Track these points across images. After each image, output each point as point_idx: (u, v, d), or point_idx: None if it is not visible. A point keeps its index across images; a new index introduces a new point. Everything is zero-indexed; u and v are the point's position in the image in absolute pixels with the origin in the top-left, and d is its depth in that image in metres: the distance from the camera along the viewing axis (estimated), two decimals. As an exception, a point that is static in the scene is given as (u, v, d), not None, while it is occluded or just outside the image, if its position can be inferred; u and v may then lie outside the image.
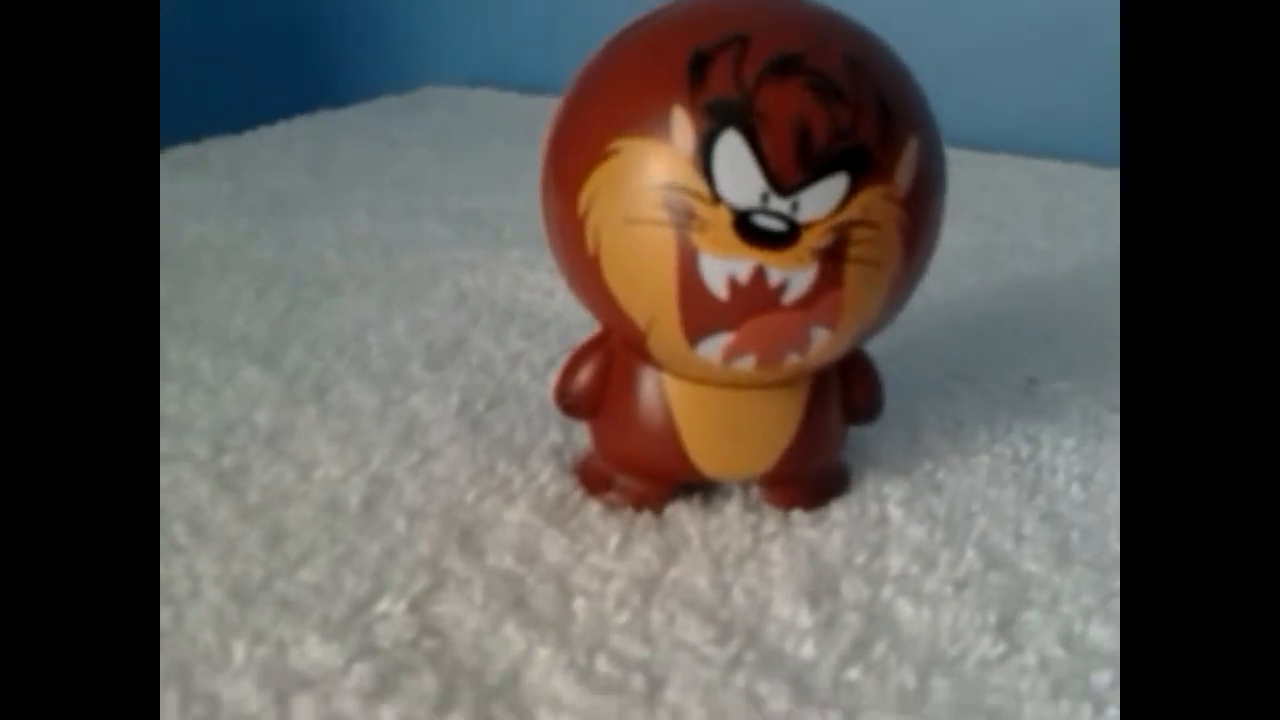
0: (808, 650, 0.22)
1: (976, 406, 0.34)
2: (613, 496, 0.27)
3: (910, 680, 0.22)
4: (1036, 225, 0.53)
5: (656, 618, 0.23)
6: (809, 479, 0.28)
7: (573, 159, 0.23)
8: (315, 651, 0.22)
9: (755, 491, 0.28)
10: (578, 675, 0.21)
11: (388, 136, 0.67)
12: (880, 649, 0.23)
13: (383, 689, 0.21)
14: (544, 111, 0.25)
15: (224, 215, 0.50)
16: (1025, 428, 0.32)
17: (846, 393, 0.27)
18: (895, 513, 0.28)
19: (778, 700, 0.21)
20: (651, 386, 0.26)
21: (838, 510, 0.27)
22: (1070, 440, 0.32)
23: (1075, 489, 0.29)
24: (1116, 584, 0.25)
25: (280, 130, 0.67)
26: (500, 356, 0.35)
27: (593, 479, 0.28)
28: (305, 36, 0.89)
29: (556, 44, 0.81)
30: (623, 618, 0.23)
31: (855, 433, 0.30)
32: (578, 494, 0.27)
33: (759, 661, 0.22)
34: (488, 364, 0.35)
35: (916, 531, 0.27)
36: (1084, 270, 0.48)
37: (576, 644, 0.22)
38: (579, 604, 0.23)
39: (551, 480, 0.28)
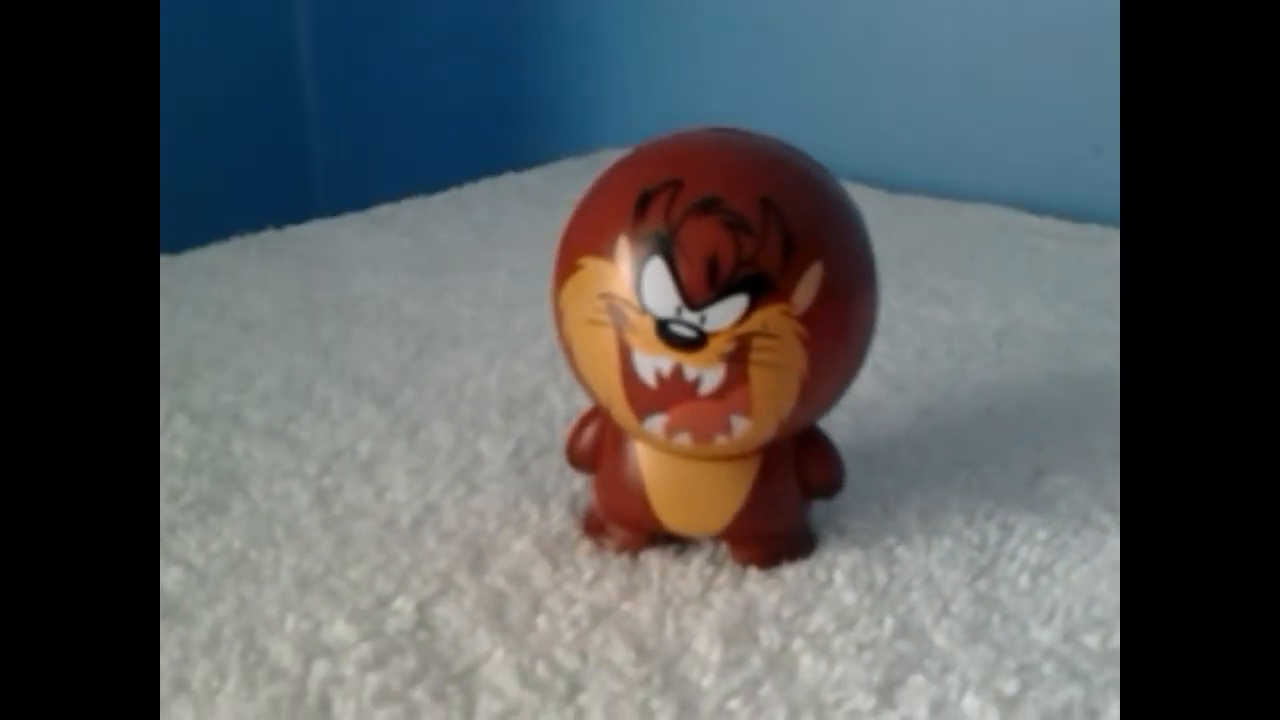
0: (707, 681, 0.27)
1: (968, 493, 0.37)
2: (602, 539, 0.33)
3: (780, 716, 0.26)
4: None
5: (596, 639, 0.29)
6: (767, 541, 0.32)
7: (560, 266, 0.30)
8: (340, 630, 0.29)
9: (724, 549, 0.33)
10: (520, 674, 0.28)
11: (552, 199, 0.76)
12: (767, 688, 0.27)
13: (375, 663, 0.28)
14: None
15: (394, 270, 0.60)
16: (1006, 516, 0.35)
17: (803, 469, 0.32)
18: (839, 579, 0.32)
19: (664, 715, 0.26)
20: (629, 451, 0.32)
21: (788, 571, 0.32)
22: (1044, 533, 0.34)
23: (1024, 578, 0.32)
24: (1009, 664, 0.28)
25: (466, 192, 0.78)
26: (563, 412, 0.42)
27: (590, 523, 0.34)
28: (504, 104, 1.01)
29: (723, 108, 0.88)
30: (570, 635, 0.29)
31: (833, 506, 0.35)
32: (576, 534, 0.34)
33: (662, 684, 0.27)
34: (550, 417, 0.42)
35: (849, 597, 0.31)
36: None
37: (526, 650, 0.28)
38: (541, 620, 0.30)
39: (560, 521, 0.34)
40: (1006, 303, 0.55)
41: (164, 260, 0.60)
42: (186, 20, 0.97)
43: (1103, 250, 0.63)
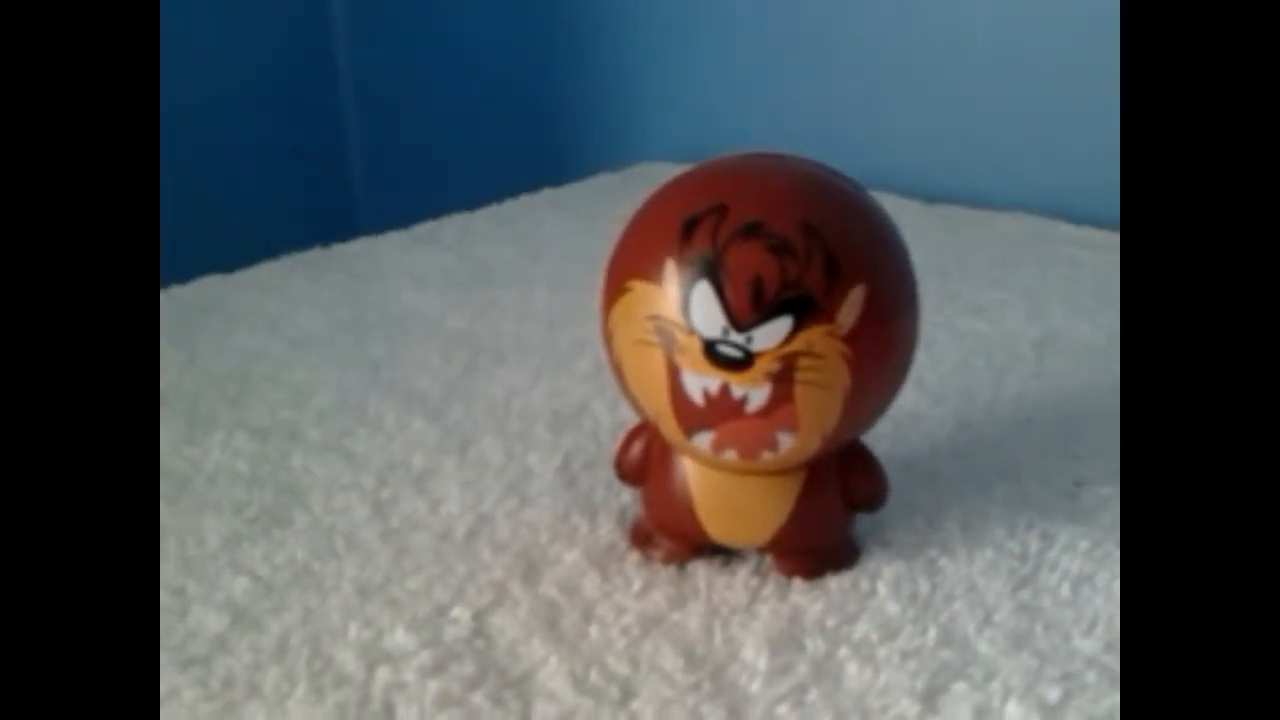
0: (756, 687, 0.28)
1: (1009, 505, 0.37)
2: (649, 551, 0.34)
3: (828, 723, 0.27)
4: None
5: (647, 647, 0.30)
6: (812, 553, 0.33)
7: (609, 288, 0.31)
8: (400, 638, 0.30)
9: (769, 560, 0.34)
10: (574, 681, 0.29)
11: (590, 213, 0.77)
12: (814, 695, 0.28)
13: (435, 669, 0.29)
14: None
15: (439, 286, 0.62)
16: (1047, 527, 0.36)
17: (846, 483, 0.33)
18: (882, 589, 0.33)
19: (714, 719, 0.27)
20: (676, 465, 0.33)
21: (833, 582, 0.33)
22: (1086, 543, 0.35)
23: (1065, 587, 0.33)
24: (1052, 671, 0.29)
25: (507, 208, 0.80)
26: (609, 425, 0.43)
27: (638, 535, 0.35)
28: (541, 121, 1.03)
29: (758, 122, 0.89)
30: (621, 644, 0.30)
31: (876, 518, 0.35)
32: (625, 545, 0.35)
33: (712, 690, 0.28)
34: (597, 431, 0.43)
35: (893, 607, 0.32)
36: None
37: (580, 658, 0.29)
38: (593, 629, 0.31)
39: (608, 533, 0.35)
40: (1045, 313, 0.56)
41: (217, 279, 0.62)
42: (227, 49, 1.00)
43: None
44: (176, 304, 0.58)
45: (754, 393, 0.28)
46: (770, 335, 0.28)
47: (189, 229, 0.77)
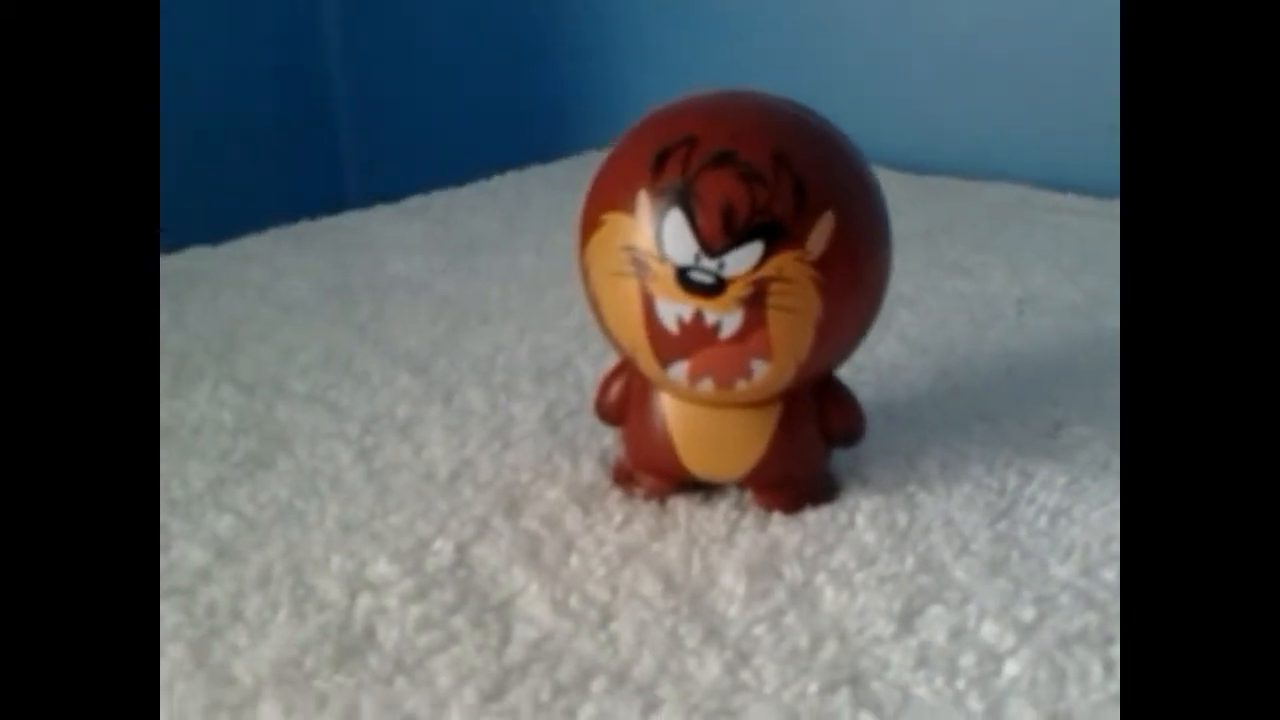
0: (733, 610, 0.29)
1: (988, 445, 0.38)
2: (631, 488, 0.34)
3: (804, 642, 0.27)
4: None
5: (627, 574, 0.30)
6: (790, 487, 0.33)
7: (584, 224, 0.31)
8: (383, 568, 0.31)
9: (748, 495, 0.34)
10: (553, 606, 0.29)
11: (578, 186, 0.77)
12: (791, 617, 0.28)
13: (417, 596, 0.29)
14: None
15: (426, 255, 0.62)
16: (1025, 465, 0.36)
17: (823, 417, 0.33)
18: (861, 521, 0.33)
19: (691, 640, 0.27)
20: (655, 401, 0.33)
21: (811, 515, 0.33)
22: (1064, 479, 0.35)
23: (1043, 520, 0.33)
24: (1027, 594, 0.29)
25: (495, 183, 0.80)
26: (591, 378, 0.43)
27: (619, 473, 0.35)
28: (529, 100, 1.03)
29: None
30: (601, 571, 0.30)
31: (856, 457, 0.36)
32: (607, 483, 0.35)
33: (690, 613, 0.29)
34: (581, 383, 0.43)
35: (870, 537, 0.32)
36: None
37: (560, 585, 0.30)
38: (574, 559, 0.31)
39: (590, 473, 0.36)
40: (1028, 274, 0.56)
41: (202, 250, 0.62)
42: (218, 26, 1.00)
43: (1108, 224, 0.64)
44: (164, 274, 0.57)
45: (727, 319, 0.29)
46: (741, 261, 0.28)
47: (177, 203, 0.77)
